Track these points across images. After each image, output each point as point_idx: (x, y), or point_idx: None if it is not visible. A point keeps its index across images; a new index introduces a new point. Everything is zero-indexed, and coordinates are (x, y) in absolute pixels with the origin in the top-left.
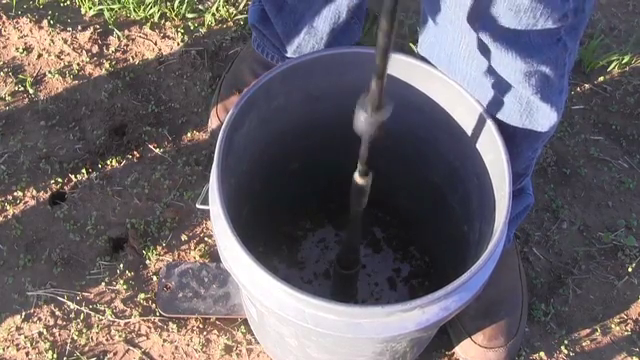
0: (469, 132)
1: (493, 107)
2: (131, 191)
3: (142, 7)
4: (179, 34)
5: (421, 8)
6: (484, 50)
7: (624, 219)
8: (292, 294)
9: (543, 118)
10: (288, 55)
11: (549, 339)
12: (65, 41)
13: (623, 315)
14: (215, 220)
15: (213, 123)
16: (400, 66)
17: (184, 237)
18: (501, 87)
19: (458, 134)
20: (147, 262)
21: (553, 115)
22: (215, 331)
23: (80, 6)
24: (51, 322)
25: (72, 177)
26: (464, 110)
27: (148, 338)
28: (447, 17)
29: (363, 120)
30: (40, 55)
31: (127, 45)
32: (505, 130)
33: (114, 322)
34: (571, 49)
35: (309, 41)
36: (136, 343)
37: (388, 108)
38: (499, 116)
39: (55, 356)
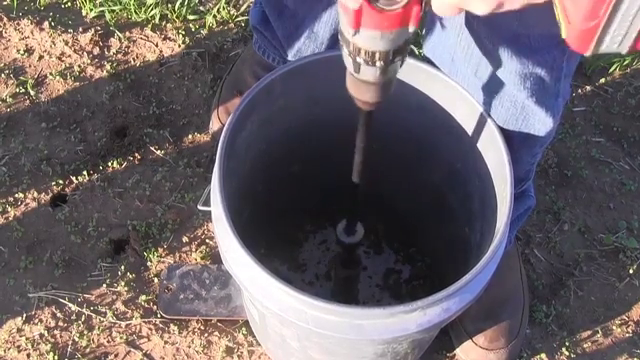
0: (470, 133)
1: (490, 111)
2: (132, 193)
3: (143, 9)
4: (180, 36)
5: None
6: (482, 49)
7: (625, 221)
8: (293, 295)
9: (539, 123)
10: (289, 59)
11: (550, 340)
12: (66, 43)
13: (624, 317)
14: (217, 222)
15: (214, 125)
16: (402, 67)
17: (185, 239)
18: (497, 90)
19: (459, 135)
20: (148, 264)
21: (548, 120)
22: (216, 333)
23: (81, 8)
24: (52, 324)
25: (73, 179)
26: (465, 111)
27: (149, 340)
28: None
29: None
30: (41, 57)
31: (128, 47)
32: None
33: (115, 324)
34: (570, 53)
35: (309, 46)
36: (137, 345)
37: (359, 233)
38: (496, 120)
39: (56, 358)
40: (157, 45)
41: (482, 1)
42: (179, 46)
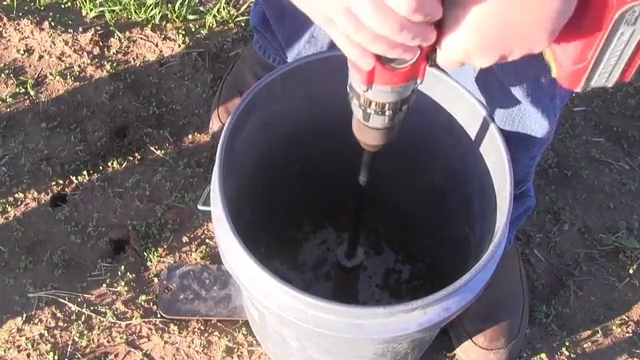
0: (470, 133)
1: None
2: (132, 193)
3: (143, 9)
4: (180, 36)
5: None
6: None
7: (625, 221)
8: (293, 295)
9: (535, 124)
10: (289, 61)
11: (550, 340)
12: (66, 43)
13: (624, 317)
14: (217, 221)
15: (214, 125)
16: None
17: (185, 239)
18: (494, 89)
19: (460, 135)
20: (148, 264)
21: (544, 122)
22: (216, 333)
23: (81, 8)
24: (52, 324)
25: (73, 179)
26: (466, 112)
27: (149, 340)
28: None
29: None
30: (41, 57)
31: (128, 47)
32: None
33: (115, 324)
34: None
35: (309, 50)
36: (137, 345)
37: (359, 256)
38: None
39: (56, 358)
40: (157, 45)
41: (484, 58)
42: (179, 46)
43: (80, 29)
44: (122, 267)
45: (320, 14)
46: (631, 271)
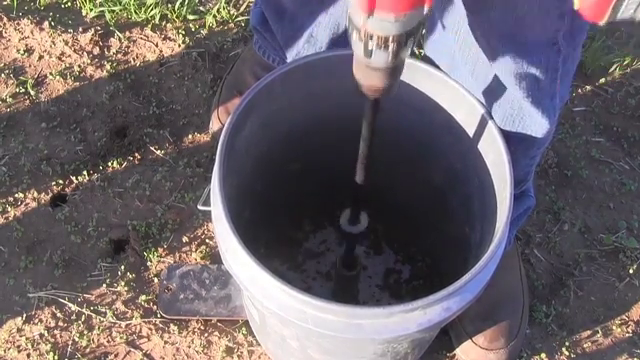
0: (470, 133)
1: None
2: (132, 193)
3: (143, 9)
4: (180, 36)
5: None
6: (479, 46)
7: (625, 221)
8: (293, 295)
9: (535, 124)
10: (288, 61)
11: (550, 340)
12: (66, 43)
13: (624, 317)
14: (216, 221)
15: (214, 125)
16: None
17: (185, 239)
18: (494, 90)
19: (459, 135)
20: (148, 264)
21: (544, 122)
22: (216, 333)
23: (81, 8)
24: (52, 324)
25: (73, 179)
26: (465, 111)
27: (149, 340)
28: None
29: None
30: (41, 57)
31: (128, 47)
32: None
33: (115, 324)
34: (566, 55)
35: (308, 50)
36: (137, 345)
37: (363, 223)
38: None
39: (56, 358)
40: (157, 45)
41: None
42: (179, 46)
43: (80, 29)
44: (122, 267)
45: None
46: (631, 271)
